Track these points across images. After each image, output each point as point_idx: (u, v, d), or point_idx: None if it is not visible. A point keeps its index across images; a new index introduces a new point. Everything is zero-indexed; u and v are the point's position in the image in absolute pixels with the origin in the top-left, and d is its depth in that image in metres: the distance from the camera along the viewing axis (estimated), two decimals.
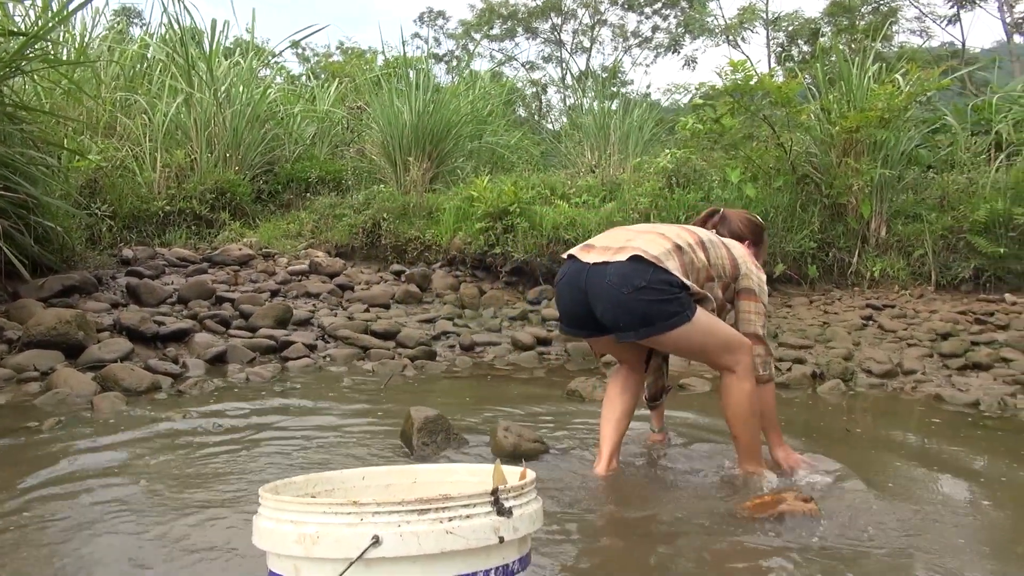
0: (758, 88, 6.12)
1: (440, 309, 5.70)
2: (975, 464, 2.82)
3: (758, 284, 2.55)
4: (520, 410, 3.50)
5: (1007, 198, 5.65)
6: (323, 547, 1.06)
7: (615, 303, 2.33)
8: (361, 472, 1.41)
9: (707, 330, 2.39)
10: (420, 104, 7.34)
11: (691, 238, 2.47)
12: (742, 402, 2.45)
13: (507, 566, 1.13)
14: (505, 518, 1.11)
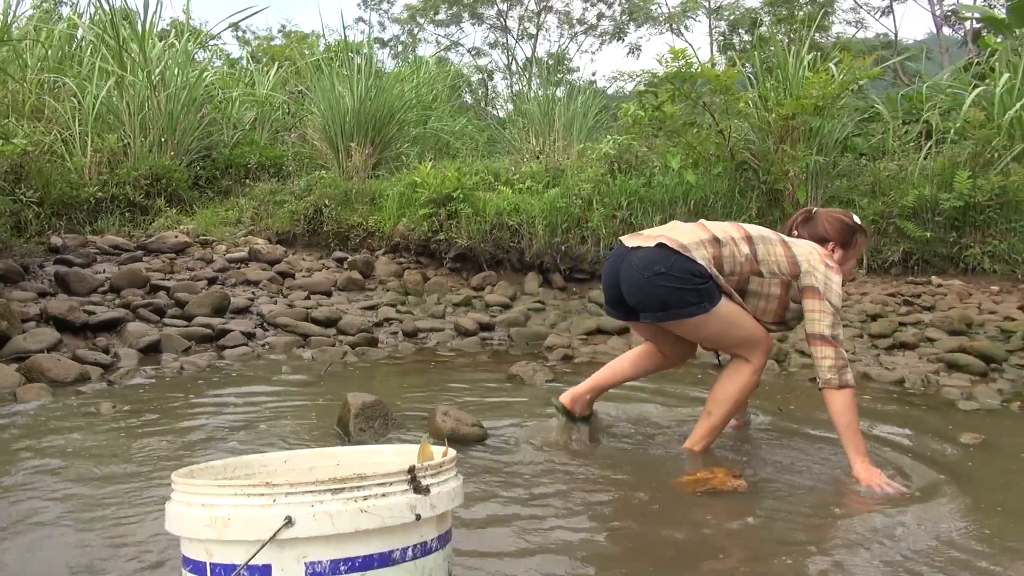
0: (698, 76, 6.20)
1: (383, 296, 5.65)
2: (899, 438, 2.93)
3: (824, 283, 2.45)
4: (461, 395, 3.50)
5: (934, 184, 5.85)
6: (235, 529, 1.04)
7: (637, 286, 2.47)
8: (283, 456, 1.40)
9: (727, 323, 2.47)
10: (362, 89, 7.25)
11: (737, 232, 2.53)
12: (733, 388, 2.55)
13: (425, 543, 1.13)
14: (422, 496, 1.11)
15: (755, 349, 2.55)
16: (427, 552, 1.14)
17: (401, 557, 1.10)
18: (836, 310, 2.44)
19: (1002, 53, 7.07)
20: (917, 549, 1.89)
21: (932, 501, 2.24)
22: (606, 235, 5.90)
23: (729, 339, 2.55)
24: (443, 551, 1.18)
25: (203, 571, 1.08)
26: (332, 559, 1.05)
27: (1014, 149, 5.91)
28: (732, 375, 2.58)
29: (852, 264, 2.80)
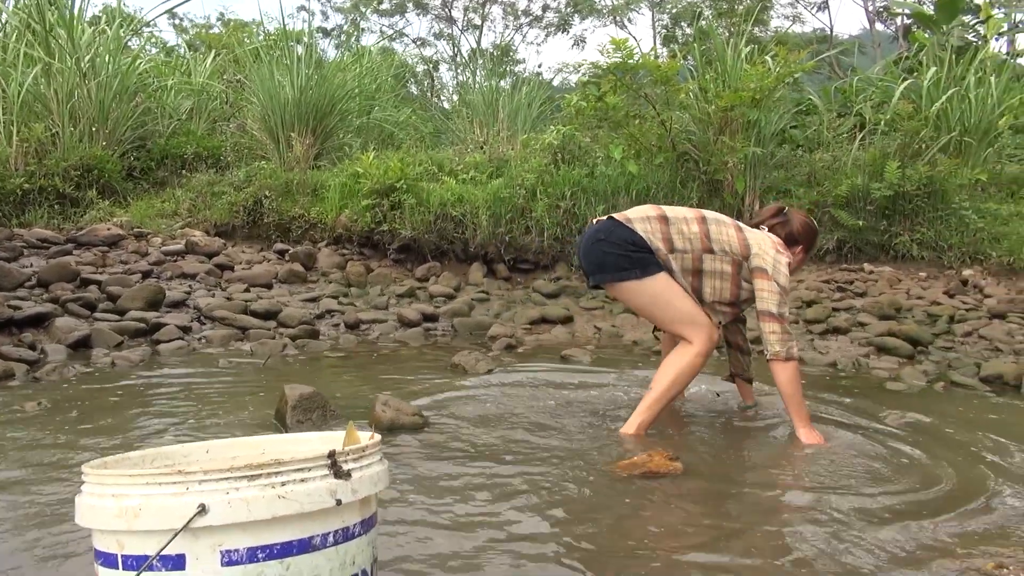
0: (639, 67, 6.26)
1: (325, 288, 5.58)
2: (833, 418, 3.02)
3: (772, 265, 2.64)
4: (403, 385, 3.48)
5: (866, 174, 6.02)
6: (146, 519, 1.01)
7: (585, 250, 2.76)
8: (205, 446, 1.37)
9: (660, 297, 2.65)
10: (303, 78, 7.11)
11: (690, 213, 2.75)
12: (674, 367, 2.67)
13: (347, 529, 1.12)
14: (343, 481, 1.10)
15: (696, 332, 2.64)
16: (350, 537, 1.12)
17: (322, 543, 1.09)
18: (783, 290, 2.64)
19: (930, 48, 7.32)
20: (847, 522, 1.96)
21: (861, 478, 2.32)
22: (550, 225, 5.93)
23: (664, 314, 2.70)
24: (367, 536, 1.16)
25: (115, 563, 1.05)
26: (249, 547, 1.03)
27: (940, 140, 6.13)
28: (675, 357, 2.69)
29: (803, 260, 3.02)
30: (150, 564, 1.00)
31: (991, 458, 2.54)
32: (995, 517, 2.02)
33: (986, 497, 2.17)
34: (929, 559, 1.77)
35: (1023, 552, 1.80)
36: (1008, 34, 9.45)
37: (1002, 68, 6.73)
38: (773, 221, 2.92)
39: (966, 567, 1.73)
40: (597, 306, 5.37)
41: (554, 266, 6.05)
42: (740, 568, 1.69)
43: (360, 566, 1.15)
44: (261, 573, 1.04)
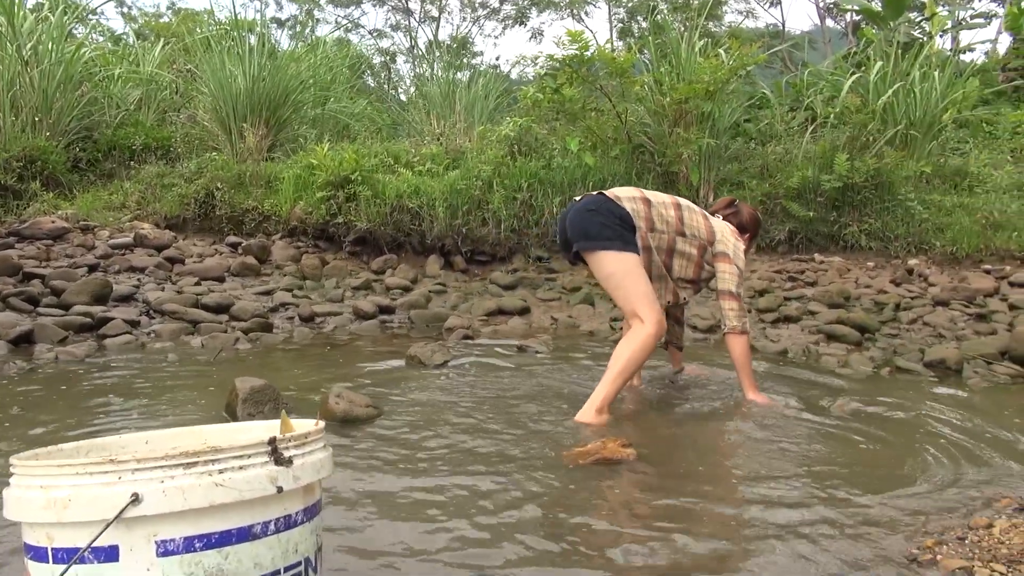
0: (595, 59, 6.28)
1: (280, 281, 5.50)
2: (783, 400, 3.08)
3: (733, 251, 3.05)
4: (358, 378, 3.45)
5: (816, 167, 6.14)
6: (76, 510, 0.98)
7: (574, 220, 2.95)
8: (144, 436, 1.33)
9: (626, 272, 2.84)
10: (255, 68, 6.98)
11: (667, 199, 3.04)
12: (629, 346, 2.80)
13: (289, 516, 1.10)
14: (284, 467, 1.08)
15: (650, 312, 2.80)
16: (292, 525, 1.11)
17: (263, 531, 1.07)
18: (741, 272, 3.05)
19: (877, 44, 7.48)
20: (794, 503, 2.00)
21: (807, 461, 2.37)
22: (507, 217, 5.92)
23: (623, 289, 2.86)
24: (311, 524, 1.15)
25: (44, 557, 1.02)
26: (186, 536, 1.01)
27: (887, 133, 6.28)
28: (629, 338, 2.83)
29: (748, 252, 3.34)
30: (81, 556, 0.97)
31: (931, 440, 2.62)
32: (935, 496, 2.08)
33: (926, 477, 2.24)
34: (872, 537, 1.81)
35: (960, 529, 1.85)
36: (952, 31, 9.71)
37: (946, 64, 6.91)
38: (726, 212, 3.31)
39: (907, 543, 1.78)
40: (554, 297, 5.39)
41: (511, 258, 6.05)
42: (691, 552, 1.71)
43: (303, 554, 1.13)
44: (199, 563, 1.02)
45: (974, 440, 2.61)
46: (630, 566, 1.63)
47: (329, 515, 1.87)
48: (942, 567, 1.66)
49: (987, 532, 1.83)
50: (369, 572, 1.59)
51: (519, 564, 1.63)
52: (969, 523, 1.89)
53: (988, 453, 2.48)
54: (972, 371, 3.77)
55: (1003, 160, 7.10)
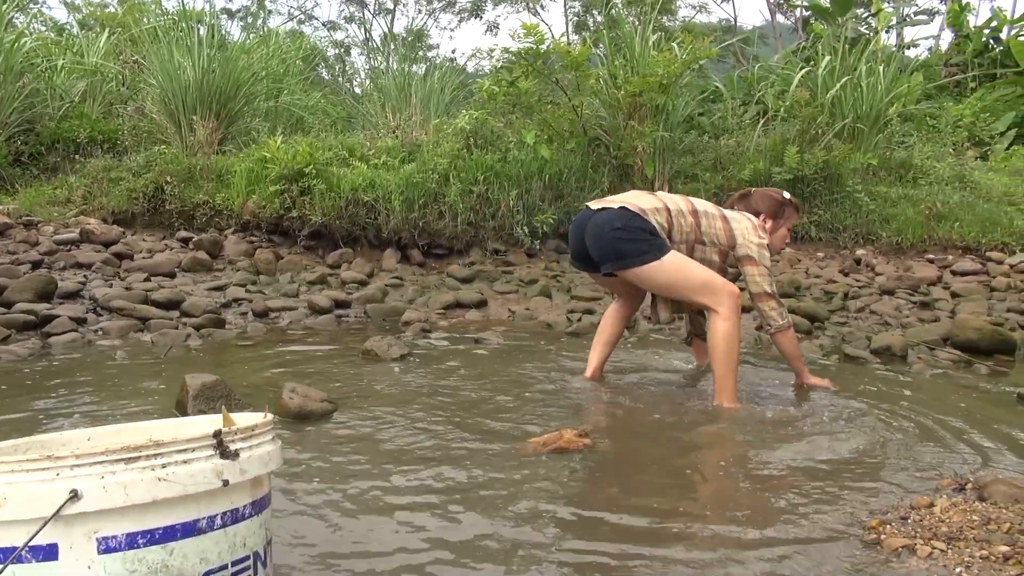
0: (550, 52, 6.30)
1: (232, 276, 5.40)
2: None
3: (757, 251, 2.95)
4: (313, 372, 3.41)
5: (767, 159, 6.25)
6: (12, 509, 0.96)
7: (598, 239, 2.87)
8: (87, 433, 1.30)
9: (678, 270, 2.82)
10: (205, 60, 6.83)
11: (685, 206, 2.96)
12: (719, 340, 2.80)
13: (237, 510, 1.09)
14: (230, 461, 1.06)
15: (717, 296, 2.81)
16: (239, 519, 1.09)
17: (209, 526, 1.05)
18: (768, 271, 2.98)
19: (826, 39, 7.64)
20: (745, 488, 2.04)
21: (759, 446, 2.42)
22: (463, 210, 5.91)
23: (684, 287, 2.86)
24: (258, 517, 1.13)
25: None
26: (128, 532, 0.99)
27: (835, 126, 6.42)
28: (712, 330, 2.84)
29: (783, 233, 3.22)
30: (18, 556, 0.94)
31: (876, 424, 2.69)
32: (879, 479, 2.14)
33: (871, 460, 2.30)
34: (818, 518, 1.86)
35: (903, 510, 1.91)
36: (896, 27, 9.96)
37: (891, 59, 7.09)
38: (740, 204, 3.22)
39: (852, 524, 1.83)
40: (511, 290, 5.40)
41: (468, 251, 6.04)
42: (643, 539, 1.74)
43: (252, 548, 1.12)
44: (142, 559, 1.00)
45: (916, 424, 2.70)
46: (581, 561, 1.65)
47: (281, 510, 1.85)
48: (886, 546, 1.71)
49: (928, 511, 1.89)
50: (320, 568, 1.58)
51: (471, 558, 1.63)
52: (911, 503, 1.95)
53: (930, 436, 2.56)
54: (916, 357, 3.89)
55: (945, 153, 7.32)
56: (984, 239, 5.85)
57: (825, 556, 1.65)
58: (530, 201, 6.06)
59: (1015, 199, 6.53)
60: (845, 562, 1.62)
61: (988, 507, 1.88)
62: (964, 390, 3.26)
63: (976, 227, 5.90)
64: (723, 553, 1.65)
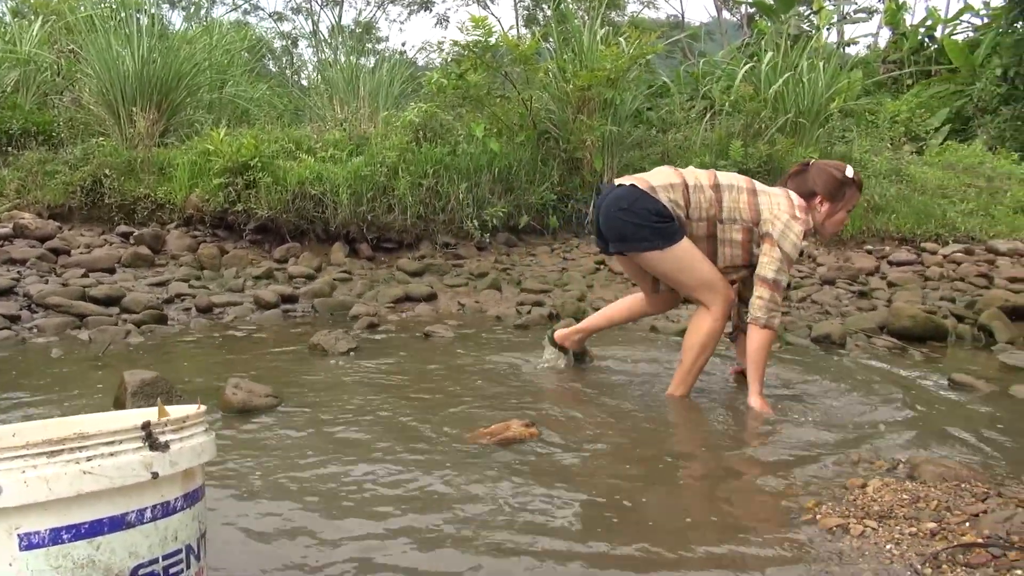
0: (498, 45, 6.30)
1: (175, 271, 5.28)
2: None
3: (781, 231, 2.63)
4: (258, 367, 3.36)
5: (713, 153, 6.36)
6: None
7: (607, 218, 2.77)
8: (11, 429, 1.26)
9: (681, 263, 2.70)
10: (145, 49, 6.65)
11: (707, 180, 2.73)
12: (699, 336, 2.75)
13: (168, 503, 1.07)
14: (160, 452, 1.04)
15: (712, 296, 2.73)
16: (171, 512, 1.07)
17: (138, 519, 1.03)
18: (786, 257, 2.65)
19: (770, 36, 7.80)
20: (686, 478, 2.07)
21: (699, 436, 2.46)
22: (413, 203, 5.87)
23: (683, 280, 2.77)
24: (192, 510, 1.11)
25: None
26: (52, 527, 0.96)
27: (778, 121, 6.56)
28: (695, 324, 2.79)
29: (842, 217, 2.85)
30: None
31: (814, 409, 2.77)
32: (817, 461, 2.20)
33: (809, 444, 2.37)
34: (757, 501, 1.91)
35: (838, 490, 1.97)
36: (837, 25, 10.23)
37: (831, 56, 7.28)
38: (795, 178, 2.84)
39: (789, 506, 1.88)
40: (461, 283, 5.39)
41: (418, 244, 6.01)
42: (586, 531, 1.76)
43: (184, 541, 1.09)
44: (67, 555, 0.97)
45: (853, 408, 2.78)
46: (519, 548, 1.65)
47: (220, 503, 1.82)
48: (821, 525, 1.76)
49: (862, 492, 1.95)
50: (259, 560, 1.56)
51: (415, 549, 1.63)
52: (846, 484, 2.01)
53: (866, 420, 2.64)
54: (854, 344, 4.00)
55: (883, 147, 7.55)
56: (919, 230, 6.05)
57: (764, 537, 1.69)
58: (480, 194, 6.05)
59: (948, 192, 6.78)
60: (783, 542, 1.67)
61: (918, 486, 1.94)
62: (899, 376, 3.37)
63: (912, 219, 6.10)
64: (667, 541, 1.68)
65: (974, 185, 7.10)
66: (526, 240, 6.33)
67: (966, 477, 1.98)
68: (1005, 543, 1.58)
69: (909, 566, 1.53)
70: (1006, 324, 4.23)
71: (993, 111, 9.86)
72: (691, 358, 2.81)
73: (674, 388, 2.87)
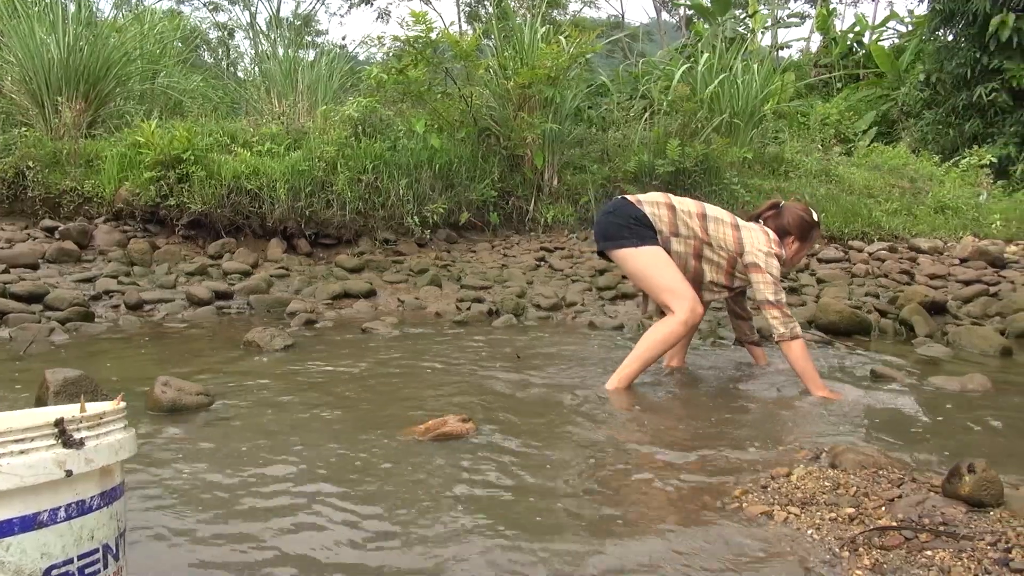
0: (439, 42, 6.27)
1: (103, 267, 5.11)
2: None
3: (764, 259, 2.96)
4: (190, 365, 3.28)
5: (651, 152, 6.47)
6: None
7: (597, 222, 3.15)
8: None
9: (650, 264, 2.96)
10: (71, 37, 6.40)
11: (695, 209, 3.06)
12: (656, 335, 2.93)
13: (83, 502, 1.03)
14: (74, 450, 1.01)
15: (677, 302, 2.91)
16: (86, 511, 1.04)
17: (51, 519, 0.99)
18: (776, 279, 2.96)
19: (707, 38, 7.97)
20: (614, 474, 2.10)
21: (635, 426, 2.50)
22: (352, 199, 5.81)
23: (651, 281, 2.99)
24: (109, 509, 1.08)
25: None
26: None
27: (714, 121, 6.71)
28: (658, 323, 2.99)
29: (804, 253, 3.31)
30: None
31: (741, 401, 2.85)
32: (744, 451, 2.26)
33: (739, 435, 2.43)
34: (686, 492, 1.95)
35: (764, 479, 2.03)
36: (771, 29, 10.50)
37: (765, 59, 7.48)
38: (767, 214, 3.23)
39: (717, 495, 1.92)
40: (401, 280, 5.36)
41: (358, 240, 5.95)
42: (518, 527, 1.77)
43: (101, 541, 1.06)
44: None
45: (781, 400, 2.87)
46: (456, 540, 1.66)
47: (147, 505, 1.77)
48: (747, 513, 1.81)
49: (786, 480, 2.01)
50: (183, 558, 1.52)
51: (346, 546, 1.62)
52: (772, 473, 2.07)
53: (793, 411, 2.73)
54: None
55: (813, 148, 7.79)
56: (847, 229, 6.27)
57: (692, 526, 1.73)
58: (420, 191, 6.03)
59: (874, 192, 7.04)
60: (710, 530, 1.71)
61: (839, 474, 2.01)
62: (825, 368, 3.48)
63: (840, 218, 6.32)
64: (598, 531, 1.71)
65: (898, 186, 7.40)
66: (467, 237, 6.33)
67: (884, 464, 2.06)
68: (917, 526, 1.65)
69: (828, 550, 1.59)
70: (925, 319, 4.42)
71: (916, 115, 10.28)
72: (640, 350, 2.94)
73: (614, 380, 2.94)
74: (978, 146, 8.77)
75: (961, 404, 2.84)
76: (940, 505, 1.74)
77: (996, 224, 6.61)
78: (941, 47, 9.87)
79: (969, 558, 1.50)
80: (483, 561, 1.54)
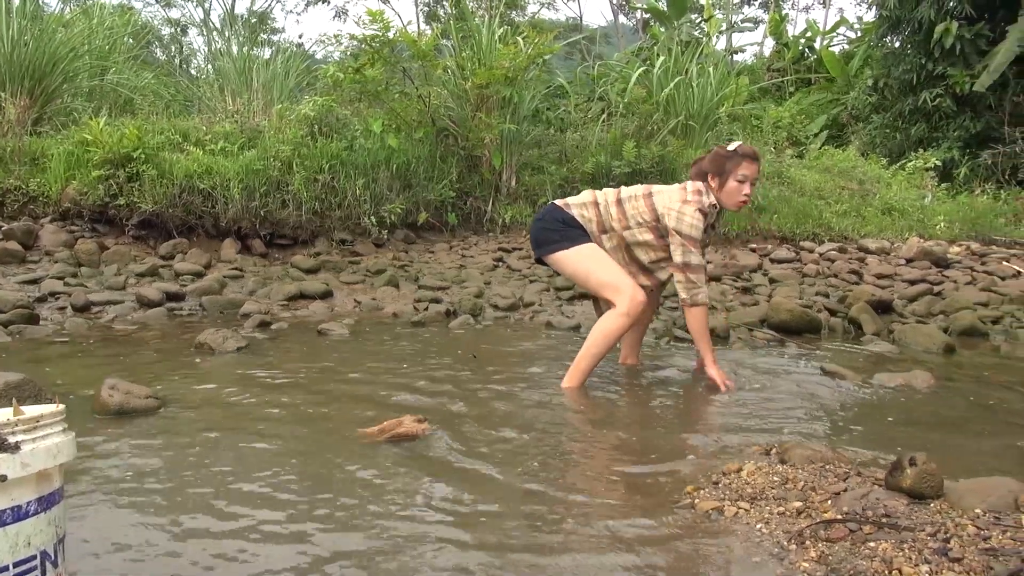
0: (396, 41, 6.24)
1: (49, 268, 4.97)
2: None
3: (676, 219, 2.95)
4: (139, 368, 3.20)
5: (608, 153, 6.52)
6: None
7: (531, 230, 3.22)
8: None
9: (583, 262, 3.01)
10: (16, 31, 6.22)
11: (612, 197, 3.09)
12: (602, 329, 2.95)
13: (19, 507, 1.01)
14: (9, 454, 0.98)
15: (618, 296, 2.94)
16: (22, 516, 1.01)
17: None
18: (688, 239, 2.95)
19: (663, 41, 8.06)
20: (569, 478, 2.12)
21: (588, 425, 2.52)
22: (308, 199, 5.74)
23: (588, 279, 3.04)
24: (47, 514, 1.05)
25: None
26: None
27: (669, 123, 6.79)
28: (602, 318, 3.00)
29: (734, 186, 3.01)
30: None
31: (695, 398, 2.89)
32: (696, 448, 2.30)
33: (692, 431, 2.47)
34: (639, 489, 1.97)
35: (716, 475, 2.06)
36: (726, 33, 10.68)
37: (720, 62, 7.60)
38: (695, 167, 3.15)
39: (670, 492, 1.95)
40: (358, 280, 5.31)
41: (314, 241, 5.89)
42: (471, 527, 1.77)
43: (39, 547, 1.04)
44: None
45: (733, 397, 2.92)
46: (412, 539, 1.65)
47: (90, 511, 1.73)
48: (698, 508, 1.83)
49: (737, 476, 2.05)
50: (125, 568, 1.49)
51: (296, 551, 1.60)
52: (723, 469, 2.10)
53: (745, 407, 2.77)
54: (737, 337, 4.20)
55: (766, 151, 7.94)
56: (798, 230, 6.41)
57: (645, 522, 1.75)
58: (377, 190, 5.99)
59: (824, 194, 7.20)
60: (662, 526, 1.73)
61: (787, 469, 2.06)
62: (776, 366, 3.55)
63: (792, 219, 6.45)
64: (551, 528, 1.72)
65: (848, 188, 7.58)
66: (425, 237, 6.31)
67: (830, 459, 2.11)
68: (861, 518, 1.70)
69: (776, 543, 1.62)
70: (873, 317, 4.54)
71: (865, 119, 10.55)
72: (588, 346, 2.97)
73: (568, 379, 2.96)
74: (923, 149, 9.03)
75: (905, 400, 2.92)
76: (883, 498, 1.79)
77: (940, 225, 6.82)
78: (888, 53, 10.14)
79: (910, 548, 1.54)
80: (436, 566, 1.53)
